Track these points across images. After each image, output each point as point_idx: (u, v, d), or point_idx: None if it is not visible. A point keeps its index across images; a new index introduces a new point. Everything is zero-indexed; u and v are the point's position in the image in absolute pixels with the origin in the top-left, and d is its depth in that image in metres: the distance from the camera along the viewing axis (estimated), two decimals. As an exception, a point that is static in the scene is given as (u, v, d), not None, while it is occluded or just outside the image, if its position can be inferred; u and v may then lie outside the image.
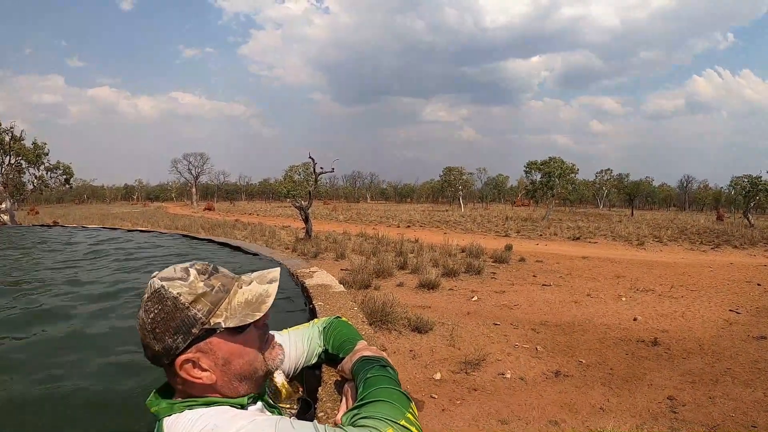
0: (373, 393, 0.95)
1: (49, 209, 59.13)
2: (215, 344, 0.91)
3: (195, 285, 0.91)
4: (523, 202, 78.59)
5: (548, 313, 7.61)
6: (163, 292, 0.90)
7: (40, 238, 8.54)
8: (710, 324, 7.11)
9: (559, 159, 38.82)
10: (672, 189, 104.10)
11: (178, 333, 0.89)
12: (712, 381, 4.99)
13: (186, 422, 0.84)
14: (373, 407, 0.90)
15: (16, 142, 24.25)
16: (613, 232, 23.03)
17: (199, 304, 0.90)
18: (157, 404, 0.92)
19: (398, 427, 0.85)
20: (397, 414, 0.88)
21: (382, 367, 1.07)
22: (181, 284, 0.91)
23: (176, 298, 0.89)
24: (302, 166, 30.21)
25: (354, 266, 10.62)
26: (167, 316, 0.89)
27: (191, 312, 0.89)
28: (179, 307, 0.89)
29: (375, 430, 0.83)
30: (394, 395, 0.94)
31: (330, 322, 1.41)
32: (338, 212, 47.34)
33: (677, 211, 78.52)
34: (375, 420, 0.86)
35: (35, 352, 2.47)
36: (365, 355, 1.15)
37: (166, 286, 0.91)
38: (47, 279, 4.37)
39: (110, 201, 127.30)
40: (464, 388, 4.75)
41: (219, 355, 0.91)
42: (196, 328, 0.89)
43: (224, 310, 0.91)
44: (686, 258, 14.94)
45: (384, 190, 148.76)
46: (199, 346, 0.90)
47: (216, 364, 0.91)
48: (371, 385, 0.99)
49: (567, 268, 12.08)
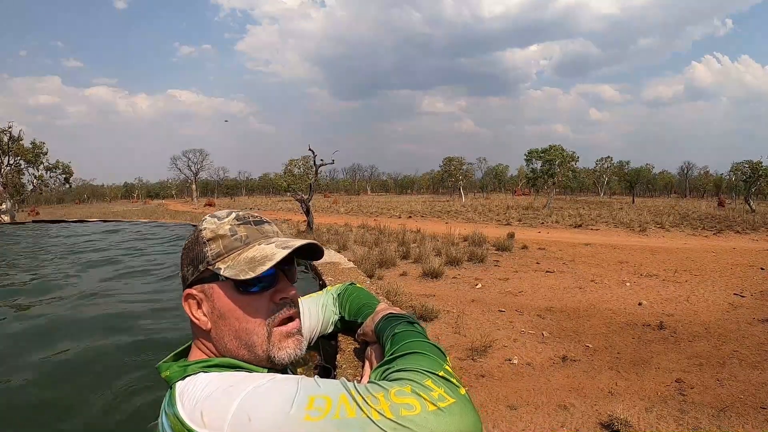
0: (405, 346, 0.87)
1: (50, 209, 58.99)
2: (216, 293, 0.87)
3: (221, 226, 0.90)
4: (523, 191, 78.63)
5: (553, 299, 7.60)
6: (200, 224, 0.92)
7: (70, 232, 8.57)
8: (715, 307, 7.09)
9: (560, 147, 38.81)
10: (672, 176, 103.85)
11: (191, 265, 0.90)
12: (719, 363, 4.97)
13: (199, 384, 0.78)
14: (406, 360, 0.81)
15: (14, 143, 24.21)
16: (614, 219, 23.03)
17: (213, 243, 0.88)
18: (168, 367, 0.86)
19: (438, 378, 0.75)
20: (435, 365, 0.79)
21: (410, 323, 0.98)
22: (213, 221, 0.91)
23: (200, 232, 0.90)
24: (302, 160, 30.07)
25: (357, 257, 10.60)
26: (190, 245, 0.91)
27: (204, 248, 0.88)
28: (198, 240, 0.90)
29: (412, 382, 0.72)
30: (428, 347, 0.86)
31: (345, 288, 1.35)
32: (339, 205, 47.37)
33: (678, 198, 78.39)
34: (411, 372, 0.76)
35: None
36: (390, 312, 1.07)
37: (206, 219, 0.93)
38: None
39: (110, 200, 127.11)
40: (471, 374, 4.74)
41: (216, 305, 0.87)
42: (202, 266, 0.88)
43: (231, 259, 0.87)
44: (689, 243, 14.92)
45: (384, 182, 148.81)
46: (203, 287, 0.88)
47: (212, 312, 0.88)
48: (401, 339, 0.91)
49: (570, 255, 12.06)
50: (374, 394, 0.69)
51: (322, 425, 0.65)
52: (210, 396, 0.73)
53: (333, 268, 2.83)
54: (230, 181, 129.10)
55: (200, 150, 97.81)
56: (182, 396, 0.77)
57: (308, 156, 19.79)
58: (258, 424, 0.66)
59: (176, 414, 0.74)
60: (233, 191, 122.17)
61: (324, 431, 0.65)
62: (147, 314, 2.99)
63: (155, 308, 3.11)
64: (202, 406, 0.72)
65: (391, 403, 0.68)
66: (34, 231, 9.27)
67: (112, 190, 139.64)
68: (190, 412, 0.73)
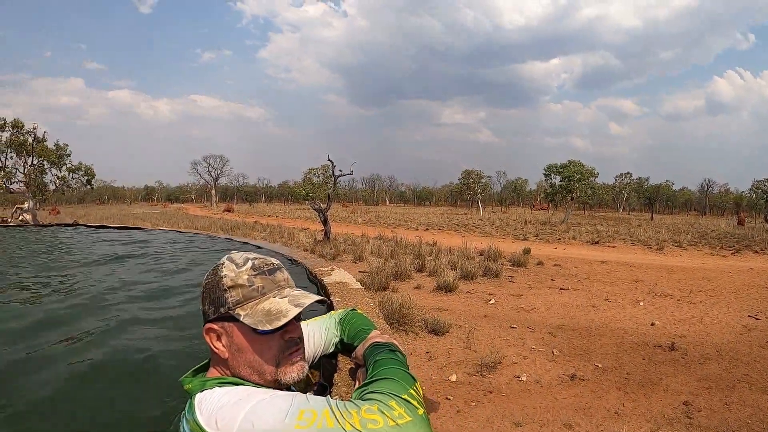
0: (381, 372, 1.05)
1: (70, 209, 59.93)
2: (234, 331, 1.05)
3: (240, 275, 1.06)
4: (542, 205, 78.16)
5: (565, 317, 7.63)
6: (219, 268, 1.08)
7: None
8: (728, 329, 7.06)
9: (579, 162, 38.60)
10: (692, 193, 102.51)
11: (212, 305, 1.06)
12: (728, 387, 4.98)
13: (215, 396, 0.95)
14: (379, 384, 0.99)
15: (38, 144, 24.75)
16: (632, 237, 22.85)
17: (233, 291, 1.04)
18: (190, 381, 1.05)
19: (400, 400, 0.92)
20: (400, 389, 0.96)
21: (390, 351, 1.19)
22: (233, 269, 1.07)
23: (222, 278, 1.06)
24: (321, 169, 30.39)
25: (372, 268, 10.70)
26: (211, 287, 1.07)
27: (225, 294, 1.05)
28: (220, 286, 1.06)
29: (380, 402, 0.90)
30: (399, 374, 1.04)
31: (346, 313, 1.52)
32: (357, 215, 47.46)
33: (697, 215, 77.33)
34: (380, 394, 0.94)
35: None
36: (376, 341, 1.29)
37: (225, 264, 1.08)
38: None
39: (130, 202, 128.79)
40: (479, 390, 4.81)
41: (235, 341, 1.05)
42: (223, 309, 1.04)
43: (249, 308, 1.04)
44: (706, 263, 14.79)
45: (402, 193, 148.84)
46: (223, 324, 1.06)
47: (231, 346, 1.05)
48: (379, 366, 1.10)
49: (585, 272, 12.04)
50: (350, 410, 0.88)
51: None
52: (223, 407, 0.91)
53: (341, 288, 2.98)
54: (249, 188, 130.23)
55: (220, 156, 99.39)
56: (200, 405, 0.94)
57: (327, 165, 20.08)
58: (260, 429, 0.85)
59: (195, 420, 0.92)
60: (252, 197, 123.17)
61: None
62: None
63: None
64: (217, 414, 0.90)
65: (361, 418, 0.86)
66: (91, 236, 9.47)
67: (132, 192, 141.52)
68: (206, 419, 0.90)
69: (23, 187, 24.28)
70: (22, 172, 24.57)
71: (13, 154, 24.52)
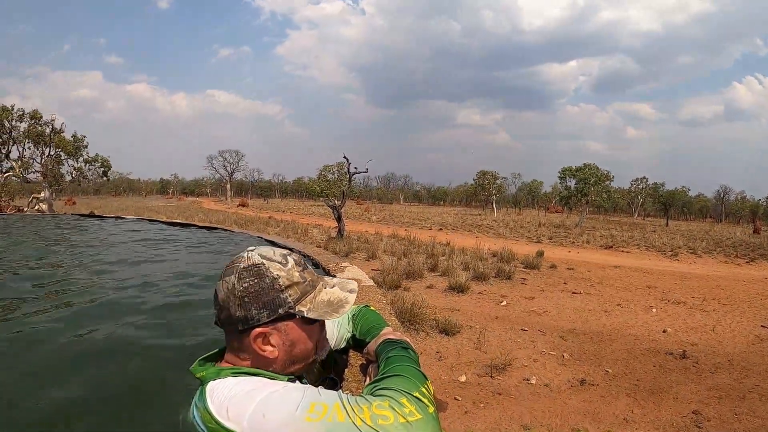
0: (392, 369, 1.06)
1: (86, 200, 60.59)
2: (290, 327, 1.06)
3: (292, 273, 1.07)
4: (556, 208, 77.67)
5: (577, 321, 7.62)
6: (263, 269, 1.05)
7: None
8: (741, 339, 7.02)
9: (594, 165, 38.26)
10: (708, 200, 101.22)
11: (265, 308, 1.03)
12: (739, 397, 4.96)
13: (227, 385, 0.95)
14: (391, 381, 1.00)
15: (56, 134, 25.09)
16: (646, 242, 22.66)
17: (291, 290, 1.05)
18: (204, 370, 1.05)
19: (412, 397, 0.92)
20: (412, 387, 0.96)
21: (403, 349, 1.20)
22: (281, 268, 1.06)
23: (275, 279, 1.04)
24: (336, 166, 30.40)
25: (385, 266, 10.75)
26: (261, 290, 1.03)
27: (283, 295, 1.04)
28: (276, 287, 1.04)
29: (391, 399, 0.91)
30: (410, 371, 1.05)
31: (359, 309, 1.53)
32: (371, 213, 47.55)
33: (713, 222, 76.39)
34: (391, 390, 0.94)
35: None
36: (389, 338, 1.30)
37: (266, 264, 1.06)
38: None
39: (146, 194, 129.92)
40: (488, 391, 4.83)
41: (289, 337, 1.06)
42: (282, 310, 1.04)
43: (309, 302, 1.06)
44: (720, 271, 14.65)
45: (417, 192, 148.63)
46: (276, 325, 1.05)
47: (284, 343, 1.05)
48: (391, 362, 1.11)
49: (598, 277, 11.99)
50: (361, 406, 0.87)
51: (318, 426, 0.83)
52: (235, 396, 0.91)
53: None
54: (264, 183, 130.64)
55: (236, 151, 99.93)
56: (212, 394, 0.95)
57: (342, 163, 20.10)
58: (270, 420, 0.85)
59: (206, 408, 0.92)
60: (267, 193, 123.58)
61: (318, 430, 0.83)
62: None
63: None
64: (228, 403, 0.90)
65: (372, 413, 0.86)
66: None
67: (147, 184, 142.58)
68: (218, 408, 0.91)
69: (40, 177, 24.65)
70: (39, 163, 25.03)
71: (31, 145, 24.97)
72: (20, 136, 24.43)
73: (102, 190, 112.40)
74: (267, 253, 1.09)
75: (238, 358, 1.07)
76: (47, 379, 2.31)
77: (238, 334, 1.05)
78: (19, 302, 3.63)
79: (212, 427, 0.90)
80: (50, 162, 24.95)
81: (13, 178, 24.61)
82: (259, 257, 1.07)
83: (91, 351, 2.65)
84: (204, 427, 0.92)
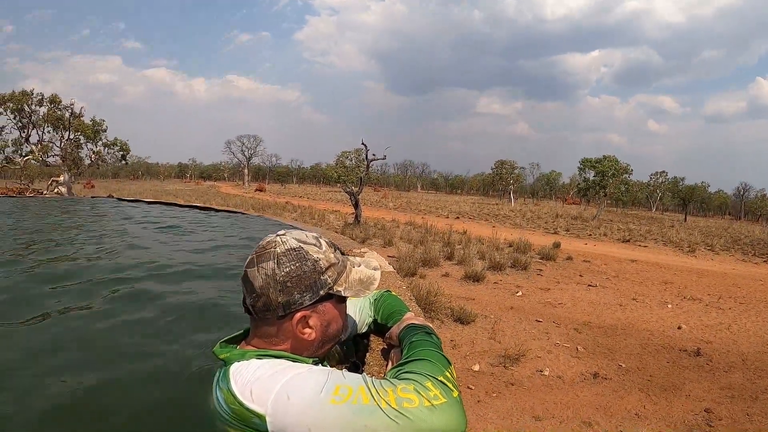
0: (417, 353, 1.06)
1: (105, 183, 61.26)
2: (327, 308, 1.11)
3: (329, 254, 1.12)
4: (574, 200, 77.10)
5: (592, 314, 7.63)
6: (303, 253, 1.08)
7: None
8: (756, 339, 6.97)
9: (614, 158, 37.89)
10: (728, 196, 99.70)
11: (308, 291, 1.07)
12: (751, 397, 4.96)
13: (252, 367, 0.97)
14: (415, 365, 1.00)
15: (75, 119, 25.41)
16: (664, 237, 22.46)
17: (329, 271, 1.10)
18: (228, 351, 1.07)
19: (436, 381, 0.92)
20: (436, 371, 0.96)
21: (426, 334, 1.22)
22: (318, 250, 1.11)
23: (317, 262, 1.08)
24: (354, 152, 30.44)
25: (401, 254, 10.80)
26: (303, 274, 1.06)
27: (323, 277, 1.09)
28: (317, 269, 1.08)
29: (415, 383, 0.91)
30: (435, 355, 1.04)
31: (380, 294, 1.55)
32: (388, 200, 47.63)
33: (732, 219, 75.28)
34: (416, 374, 0.94)
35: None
36: (412, 323, 1.32)
37: (305, 248, 1.09)
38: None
39: (164, 178, 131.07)
40: (501, 381, 4.89)
41: (326, 317, 1.11)
42: (323, 290, 1.09)
43: (344, 281, 1.13)
44: (737, 269, 14.49)
45: (435, 180, 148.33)
46: (316, 307, 1.09)
47: (321, 324, 1.10)
48: (415, 347, 1.11)
49: (614, 270, 11.94)
50: (385, 389, 0.89)
51: (343, 408, 0.85)
52: (259, 378, 0.93)
53: (375, 270, 3.01)
54: (282, 168, 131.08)
55: (254, 136, 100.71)
56: (236, 375, 0.97)
57: (360, 149, 20.18)
58: (295, 402, 0.87)
59: (230, 389, 0.94)
60: (284, 178, 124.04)
61: (343, 412, 0.85)
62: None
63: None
64: (252, 385, 0.92)
65: (397, 396, 0.87)
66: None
67: (166, 168, 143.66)
68: (241, 389, 0.93)
69: (59, 161, 25.03)
70: (58, 146, 25.38)
71: (50, 129, 25.35)
72: (40, 120, 24.75)
73: (120, 174, 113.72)
74: (301, 237, 1.12)
75: (269, 343, 1.09)
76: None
77: (277, 320, 1.07)
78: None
79: (235, 408, 0.92)
80: (69, 146, 25.27)
81: (33, 161, 24.97)
82: (295, 241, 1.09)
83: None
84: (227, 408, 0.94)
